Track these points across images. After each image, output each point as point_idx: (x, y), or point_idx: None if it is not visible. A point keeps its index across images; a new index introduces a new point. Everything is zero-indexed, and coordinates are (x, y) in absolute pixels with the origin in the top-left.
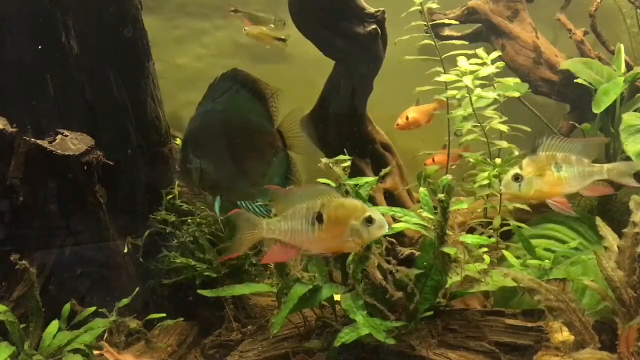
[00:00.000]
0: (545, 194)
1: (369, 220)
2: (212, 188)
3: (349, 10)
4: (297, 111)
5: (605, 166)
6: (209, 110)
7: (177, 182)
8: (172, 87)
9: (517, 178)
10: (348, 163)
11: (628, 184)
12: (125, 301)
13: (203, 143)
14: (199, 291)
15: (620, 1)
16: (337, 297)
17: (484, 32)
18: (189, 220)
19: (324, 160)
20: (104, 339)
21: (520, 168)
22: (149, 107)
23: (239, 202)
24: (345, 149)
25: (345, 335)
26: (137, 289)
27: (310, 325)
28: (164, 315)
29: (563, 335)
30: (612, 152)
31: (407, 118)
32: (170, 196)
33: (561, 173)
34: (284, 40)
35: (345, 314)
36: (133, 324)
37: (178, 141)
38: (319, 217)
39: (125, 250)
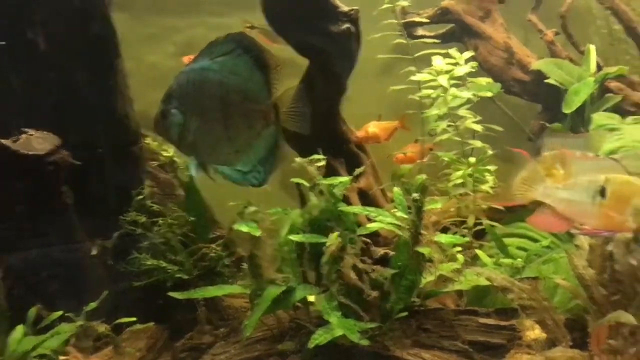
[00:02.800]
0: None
1: None
2: (190, 147)
3: (322, 9)
4: (298, 88)
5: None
6: (204, 68)
7: (147, 183)
8: (142, 85)
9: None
10: (323, 163)
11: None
12: (93, 305)
13: (190, 99)
14: (170, 293)
15: (590, 2)
16: (311, 298)
17: (457, 33)
18: (160, 221)
19: (298, 159)
20: (71, 343)
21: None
22: (119, 106)
23: (215, 167)
24: (319, 149)
25: (319, 337)
26: (106, 292)
27: (284, 327)
28: (134, 319)
29: (535, 333)
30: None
31: (366, 132)
32: (141, 196)
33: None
34: None
35: (319, 315)
36: (101, 328)
37: (149, 140)
38: (602, 192)
39: (94, 253)
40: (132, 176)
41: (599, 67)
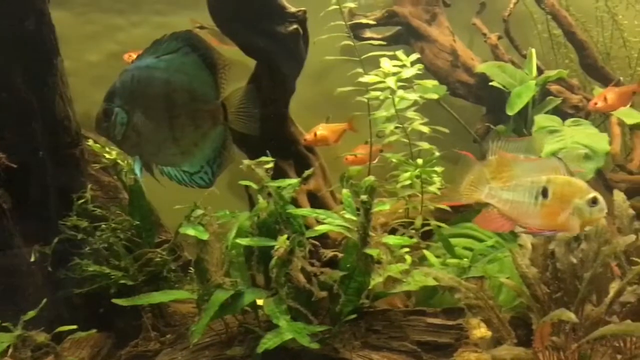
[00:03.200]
0: None
1: (594, 201)
2: (135, 147)
3: (270, 9)
4: (247, 88)
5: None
6: (149, 66)
7: (89, 186)
8: (83, 85)
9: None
10: (271, 165)
11: (578, 170)
12: (31, 314)
13: (135, 97)
14: (114, 300)
15: (531, 7)
16: (260, 302)
17: (404, 35)
18: (103, 225)
19: (246, 161)
20: (8, 354)
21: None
22: (58, 107)
23: (160, 167)
24: (267, 150)
25: (269, 341)
26: (45, 300)
27: (232, 332)
28: (75, 327)
29: (481, 331)
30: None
31: (315, 134)
32: (82, 200)
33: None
34: None
35: (268, 319)
36: (41, 337)
37: (90, 142)
38: (544, 192)
39: (33, 259)
40: (72, 179)
41: (540, 71)
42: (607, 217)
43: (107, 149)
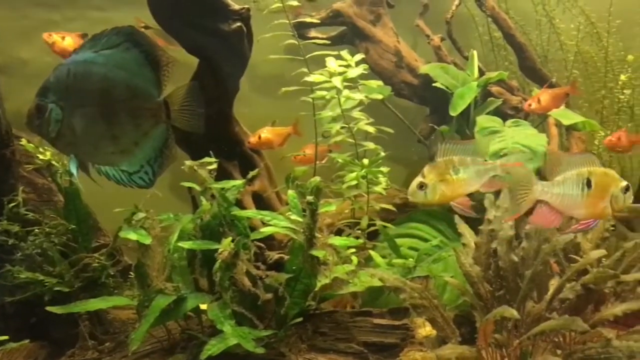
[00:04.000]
0: (448, 197)
1: (627, 189)
2: (70, 145)
3: (212, 6)
4: (190, 85)
5: (498, 161)
6: (87, 61)
7: (21, 188)
8: (16, 83)
9: (421, 186)
10: (214, 165)
11: (518, 175)
12: None
13: (71, 93)
14: (48, 308)
15: (473, 10)
16: (203, 307)
17: (349, 35)
18: (36, 230)
19: (188, 162)
20: None
21: (423, 176)
22: None
23: (97, 167)
24: (210, 151)
25: (212, 347)
26: None
27: (174, 338)
28: (7, 337)
29: (426, 330)
30: None
31: (259, 137)
32: (14, 204)
33: (460, 175)
34: None
35: (212, 324)
36: None
37: (23, 142)
38: (589, 183)
39: None
40: (2, 182)
41: (481, 72)
42: None
43: (40, 149)
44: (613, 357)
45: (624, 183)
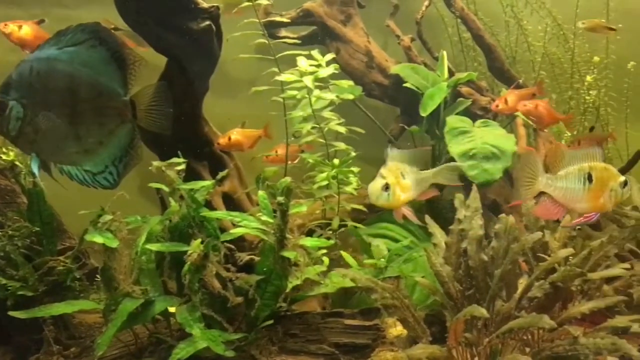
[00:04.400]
0: (401, 201)
1: (625, 183)
2: (32, 144)
3: (181, 4)
4: (158, 85)
5: (431, 171)
6: (50, 58)
7: None
8: None
9: (387, 187)
10: (182, 166)
11: (452, 184)
12: None
13: (33, 91)
14: (11, 313)
15: (442, 11)
16: (172, 310)
17: (319, 35)
18: None
19: (156, 163)
20: None
21: (383, 177)
22: None
23: (59, 167)
24: (179, 151)
25: (181, 351)
26: None
27: (142, 342)
28: None
29: (397, 330)
30: (437, 153)
31: (229, 139)
32: None
33: (406, 181)
34: None
35: (181, 327)
36: None
37: None
38: (590, 178)
39: None
40: None
41: (451, 73)
42: (514, 216)
43: (4, 149)
44: (580, 354)
45: (623, 178)
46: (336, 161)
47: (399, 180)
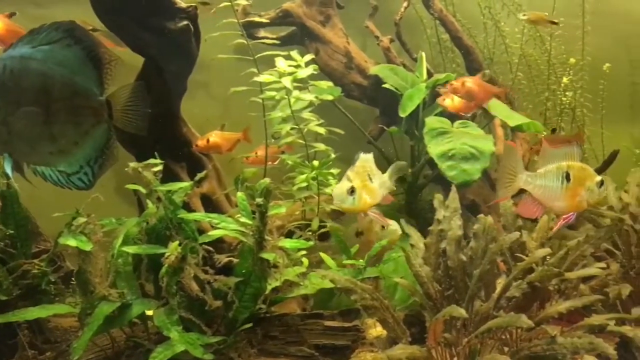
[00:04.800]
0: (367, 204)
1: (601, 183)
2: (4, 144)
3: (158, 4)
4: (134, 85)
5: (387, 173)
6: (23, 56)
7: None
8: None
9: (352, 191)
10: (160, 167)
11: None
12: None
13: (6, 90)
14: None
15: (421, 12)
16: (149, 313)
17: (298, 36)
18: None
19: (132, 164)
20: None
21: (350, 180)
22: None
23: (33, 167)
24: (156, 152)
25: (159, 355)
26: None
27: (119, 346)
28: None
29: (377, 331)
30: (417, 153)
31: (208, 141)
32: None
33: (373, 184)
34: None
35: (158, 331)
36: None
37: None
38: (567, 177)
39: None
40: None
41: (430, 74)
42: (492, 216)
43: None
44: (558, 353)
45: (599, 178)
46: (316, 162)
47: (366, 184)
